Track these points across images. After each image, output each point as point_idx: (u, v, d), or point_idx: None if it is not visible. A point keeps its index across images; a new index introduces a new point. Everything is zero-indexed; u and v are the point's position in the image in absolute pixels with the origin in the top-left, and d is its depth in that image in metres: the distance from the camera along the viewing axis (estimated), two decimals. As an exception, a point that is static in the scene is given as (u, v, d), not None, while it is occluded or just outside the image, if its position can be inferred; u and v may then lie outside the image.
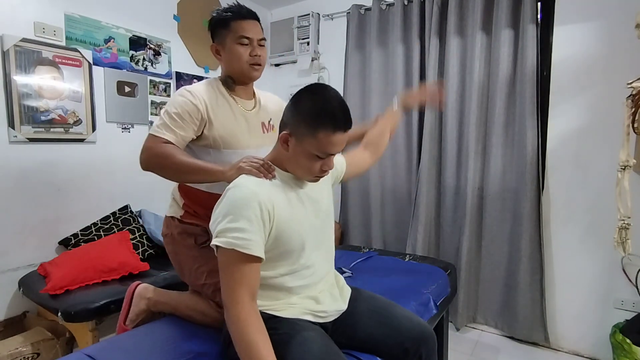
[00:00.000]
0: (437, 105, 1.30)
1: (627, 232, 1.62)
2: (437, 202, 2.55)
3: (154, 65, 2.54)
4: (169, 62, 2.62)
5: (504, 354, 2.20)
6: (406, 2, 2.57)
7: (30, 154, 1.99)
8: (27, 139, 1.97)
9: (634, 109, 1.61)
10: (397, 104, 1.56)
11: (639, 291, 1.99)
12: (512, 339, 2.33)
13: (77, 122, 2.16)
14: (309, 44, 3.04)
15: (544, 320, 2.20)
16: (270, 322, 1.00)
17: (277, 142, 1.09)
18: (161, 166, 1.20)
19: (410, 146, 2.63)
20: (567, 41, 2.12)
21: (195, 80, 2.76)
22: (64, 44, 2.09)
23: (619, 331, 1.87)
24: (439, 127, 2.51)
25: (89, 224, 2.18)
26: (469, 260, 2.37)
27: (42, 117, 2.01)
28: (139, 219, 2.35)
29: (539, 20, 2.19)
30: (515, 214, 2.26)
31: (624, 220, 1.62)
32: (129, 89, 2.40)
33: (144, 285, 1.48)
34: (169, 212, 1.43)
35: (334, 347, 1.02)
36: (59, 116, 2.08)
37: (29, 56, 1.95)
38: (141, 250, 2.16)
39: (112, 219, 2.26)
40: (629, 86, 1.60)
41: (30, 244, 2.01)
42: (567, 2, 2.11)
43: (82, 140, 2.19)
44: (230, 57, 1.31)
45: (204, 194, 1.32)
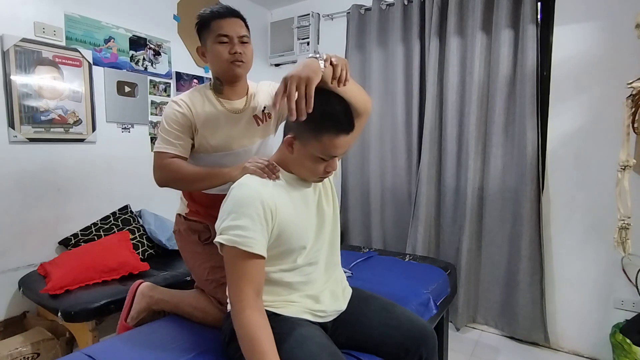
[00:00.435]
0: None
1: (627, 232, 1.63)
2: (437, 202, 2.55)
3: (154, 65, 2.54)
4: (169, 62, 2.62)
5: (504, 354, 2.20)
6: (406, 2, 2.57)
7: (30, 154, 1.99)
8: (27, 139, 1.97)
9: (634, 109, 1.61)
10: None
11: (639, 291, 1.99)
12: (512, 339, 2.33)
13: (77, 122, 2.16)
14: (309, 44, 3.04)
15: (544, 320, 2.20)
16: (269, 320, 1.00)
17: (281, 144, 1.11)
18: (174, 180, 1.25)
19: (410, 146, 2.63)
20: (567, 41, 2.12)
21: (195, 80, 2.76)
22: (64, 44, 2.09)
23: (619, 331, 1.87)
24: (439, 127, 2.51)
25: (89, 224, 2.18)
26: (469, 260, 2.37)
27: (42, 117, 2.01)
28: (139, 219, 2.36)
29: (539, 20, 2.19)
30: (515, 214, 2.26)
31: (624, 220, 1.62)
32: (129, 89, 2.40)
33: (146, 283, 1.50)
34: (178, 210, 1.48)
35: (333, 346, 1.03)
36: (59, 116, 2.08)
37: (29, 56, 1.95)
38: (141, 250, 2.16)
39: (112, 219, 2.26)
40: (629, 86, 1.60)
41: (30, 244, 2.01)
42: (567, 2, 2.11)
43: (82, 140, 2.19)
44: (212, 57, 1.30)
45: (201, 194, 1.36)
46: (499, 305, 2.36)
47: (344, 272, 1.77)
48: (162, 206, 2.41)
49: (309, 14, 3.02)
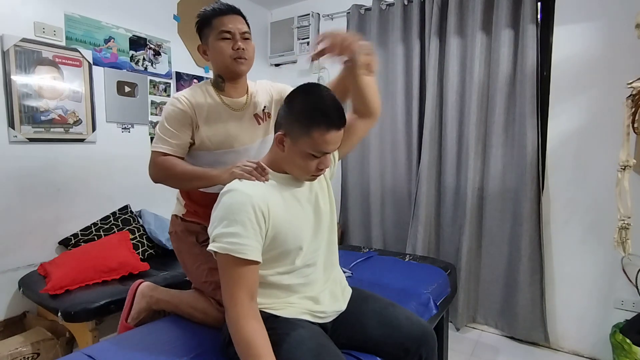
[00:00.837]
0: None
1: (627, 232, 1.63)
2: (437, 202, 2.55)
3: (154, 65, 2.54)
4: (169, 62, 2.62)
5: (504, 354, 2.20)
6: (406, 2, 2.57)
7: (30, 154, 1.99)
8: (27, 139, 1.97)
9: (634, 109, 1.61)
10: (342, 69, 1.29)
11: (639, 291, 1.99)
12: (512, 339, 2.33)
13: (77, 122, 2.16)
14: (309, 44, 3.04)
15: (544, 320, 2.20)
16: (268, 321, 1.00)
17: (273, 143, 1.10)
18: (166, 178, 1.26)
19: (410, 146, 2.63)
20: (567, 41, 2.12)
21: (195, 80, 2.76)
22: (64, 44, 2.09)
23: (619, 331, 1.87)
24: (439, 127, 2.51)
25: (89, 224, 2.18)
26: (469, 260, 2.37)
27: (42, 117, 2.01)
28: (139, 219, 2.36)
29: (539, 20, 2.19)
30: (515, 214, 2.26)
31: (624, 220, 1.62)
32: (129, 89, 2.40)
33: (146, 283, 1.49)
34: (173, 211, 1.46)
35: (333, 346, 1.02)
36: (59, 116, 2.08)
37: (29, 56, 1.95)
38: (141, 250, 2.16)
39: (112, 219, 2.26)
40: (629, 86, 1.60)
41: (30, 244, 2.01)
42: (567, 2, 2.11)
43: (82, 140, 2.19)
44: (214, 54, 1.29)
45: (200, 194, 1.35)
46: (499, 305, 2.36)
47: (343, 272, 1.78)
48: (162, 206, 2.41)
49: (309, 14, 3.02)
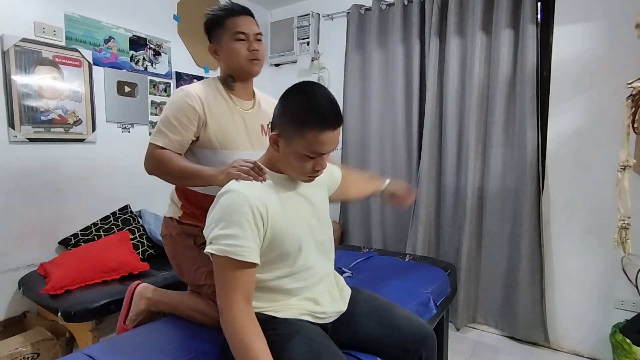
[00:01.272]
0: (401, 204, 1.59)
1: (627, 232, 1.62)
2: (437, 202, 2.55)
3: (154, 65, 2.54)
4: (169, 62, 2.62)
5: (504, 354, 2.20)
6: (406, 2, 2.57)
7: (30, 154, 1.99)
8: (27, 139, 1.97)
9: (634, 109, 1.61)
10: (386, 185, 1.57)
11: (639, 291, 1.99)
12: (512, 339, 2.33)
13: (77, 122, 2.16)
14: (309, 44, 3.04)
15: (544, 320, 2.20)
16: (269, 323, 1.00)
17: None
18: (160, 172, 1.24)
19: (410, 146, 2.63)
20: (567, 41, 2.12)
21: (195, 80, 2.76)
22: (64, 44, 2.09)
23: (619, 331, 1.87)
24: (439, 127, 2.51)
25: (89, 224, 2.18)
26: (469, 260, 2.37)
27: (42, 117, 2.01)
28: (139, 219, 2.36)
29: (539, 20, 2.19)
30: (515, 214, 2.26)
31: (624, 220, 1.62)
32: (129, 89, 2.40)
33: (144, 285, 1.48)
34: (167, 213, 1.43)
35: (334, 347, 1.02)
36: (59, 116, 2.08)
37: (29, 56, 1.95)
38: (141, 250, 2.16)
39: (112, 219, 2.26)
40: (629, 86, 1.60)
41: (30, 244, 2.01)
42: (567, 2, 2.11)
43: (82, 140, 2.19)
44: (228, 54, 1.30)
45: (199, 195, 1.33)
46: (499, 305, 2.36)
47: (343, 272, 1.78)
48: (162, 206, 2.38)
49: (309, 14, 3.02)
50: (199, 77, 2.79)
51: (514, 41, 2.23)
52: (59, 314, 1.60)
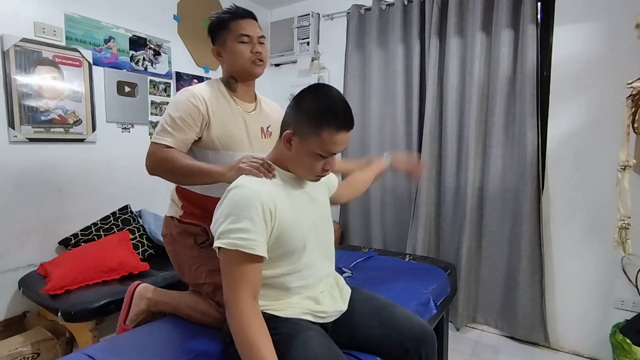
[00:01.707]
0: (415, 179, 1.49)
1: (627, 232, 1.62)
2: (437, 202, 2.55)
3: (154, 65, 2.54)
4: (169, 62, 2.62)
5: (504, 354, 2.20)
6: (406, 2, 2.57)
7: (30, 154, 1.99)
8: (27, 139, 1.97)
9: (634, 109, 1.61)
10: (387, 161, 1.59)
11: (639, 291, 1.99)
12: (512, 339, 2.33)
13: (77, 122, 2.16)
14: (309, 44, 3.04)
15: (544, 320, 2.20)
16: (270, 322, 0.99)
17: (278, 141, 1.10)
18: (164, 171, 1.23)
19: (410, 146, 2.63)
20: (567, 41, 2.12)
21: (195, 80, 2.76)
22: (64, 44, 2.09)
23: (619, 331, 1.87)
24: (439, 127, 2.51)
25: (89, 224, 2.18)
26: (469, 260, 2.37)
27: (42, 117, 2.01)
28: (139, 219, 2.35)
29: (539, 20, 2.19)
30: (515, 214, 2.26)
31: (624, 220, 1.62)
32: (129, 89, 2.40)
33: (144, 285, 1.49)
34: (168, 212, 1.44)
35: (335, 347, 1.02)
36: (59, 116, 2.08)
37: (29, 56, 1.95)
38: (141, 250, 2.16)
39: (112, 219, 2.26)
40: (629, 86, 1.60)
41: (30, 244, 2.01)
42: (567, 2, 2.11)
43: (82, 140, 2.19)
44: (232, 56, 1.32)
45: (198, 196, 1.34)
46: (499, 305, 2.36)
47: (343, 272, 1.79)
48: (162, 206, 2.38)
49: (309, 14, 3.02)
50: (199, 77, 2.80)
51: (514, 41, 2.23)
52: (59, 314, 1.60)
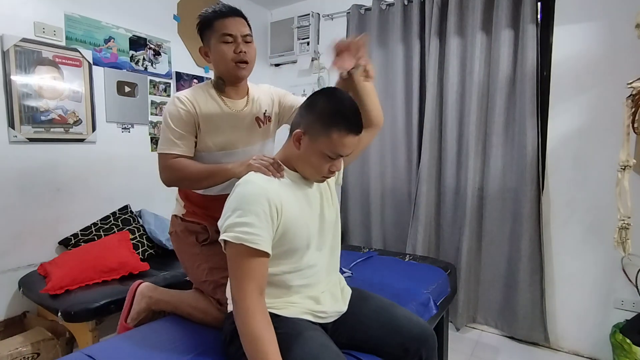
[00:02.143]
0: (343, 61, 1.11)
1: (627, 232, 1.62)
2: (437, 202, 2.55)
3: (154, 65, 2.54)
4: (169, 62, 2.62)
5: (504, 354, 2.20)
6: (406, 2, 2.57)
7: (30, 154, 1.99)
8: (27, 139, 1.97)
9: (634, 109, 1.61)
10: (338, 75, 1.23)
11: (639, 291, 1.99)
12: (512, 339, 2.33)
13: (77, 122, 2.16)
14: (309, 44, 3.04)
15: (544, 320, 2.20)
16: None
17: (287, 141, 1.11)
18: (179, 179, 1.26)
19: (410, 146, 2.63)
20: (567, 41, 2.12)
21: (195, 80, 2.76)
22: (64, 44, 2.09)
23: (619, 331, 1.87)
24: (439, 127, 2.51)
25: (89, 224, 2.18)
26: (469, 260, 2.37)
27: (42, 117, 2.01)
28: (139, 219, 2.35)
29: (539, 20, 2.19)
30: (515, 214, 2.26)
31: (624, 220, 1.62)
32: (129, 89, 2.40)
33: (145, 284, 1.49)
34: (173, 211, 1.47)
35: (334, 347, 1.02)
36: (59, 116, 2.08)
37: (29, 56, 1.95)
38: (141, 250, 2.16)
39: (112, 219, 2.26)
40: (629, 86, 1.60)
41: (30, 244, 2.01)
42: (567, 2, 2.11)
43: (82, 140, 2.19)
44: (216, 57, 1.29)
45: (199, 195, 1.36)
46: (499, 305, 2.36)
47: (343, 272, 1.79)
48: (162, 206, 2.41)
49: (309, 14, 3.02)
50: (199, 77, 2.80)
51: (514, 41, 2.23)
52: (59, 314, 1.60)
